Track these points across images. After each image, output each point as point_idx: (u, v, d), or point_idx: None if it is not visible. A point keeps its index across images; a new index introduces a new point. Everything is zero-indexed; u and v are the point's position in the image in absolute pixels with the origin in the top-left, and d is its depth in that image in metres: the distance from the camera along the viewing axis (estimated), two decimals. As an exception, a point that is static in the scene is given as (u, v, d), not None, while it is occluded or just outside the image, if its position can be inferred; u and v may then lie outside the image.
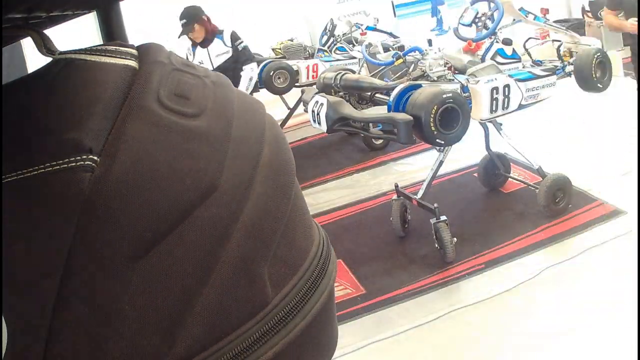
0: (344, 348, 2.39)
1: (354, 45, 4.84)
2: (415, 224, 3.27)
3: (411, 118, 2.49)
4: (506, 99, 2.87)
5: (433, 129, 2.56)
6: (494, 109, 2.86)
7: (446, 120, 2.59)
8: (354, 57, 4.63)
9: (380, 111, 2.80)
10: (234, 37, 3.96)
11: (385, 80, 3.15)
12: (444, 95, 2.57)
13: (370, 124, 2.73)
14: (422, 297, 2.70)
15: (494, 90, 2.83)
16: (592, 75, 3.08)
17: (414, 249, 3.12)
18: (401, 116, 2.51)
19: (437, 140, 2.63)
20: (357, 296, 2.78)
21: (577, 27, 5.74)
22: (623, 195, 3.15)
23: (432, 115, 2.54)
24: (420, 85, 2.74)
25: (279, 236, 0.40)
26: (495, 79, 2.87)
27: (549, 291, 2.59)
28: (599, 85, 3.14)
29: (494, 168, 3.55)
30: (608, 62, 3.16)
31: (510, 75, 2.92)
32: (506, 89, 2.86)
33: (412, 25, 6.26)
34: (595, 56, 3.10)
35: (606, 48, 3.63)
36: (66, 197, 0.33)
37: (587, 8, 6.30)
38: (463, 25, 3.32)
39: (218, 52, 3.96)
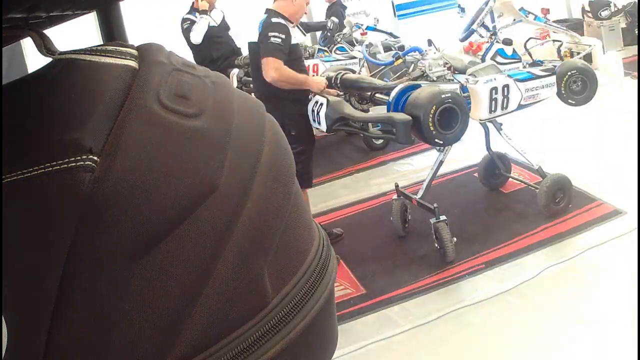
0: (344, 348, 2.39)
1: (354, 45, 4.84)
2: (415, 224, 3.27)
3: (410, 118, 2.50)
4: (505, 99, 2.87)
5: (432, 128, 2.57)
6: (493, 109, 2.86)
7: (445, 120, 2.59)
8: (354, 57, 4.62)
9: (380, 111, 2.81)
10: None
11: (385, 80, 3.15)
12: (443, 95, 2.58)
13: (370, 124, 2.73)
14: (422, 297, 2.70)
15: (493, 91, 2.83)
16: (561, 89, 3.04)
17: (414, 249, 3.12)
18: (400, 116, 2.51)
19: (436, 140, 2.64)
20: (357, 296, 2.78)
21: (577, 27, 5.74)
22: (623, 195, 3.15)
23: (430, 115, 2.54)
24: (419, 85, 2.75)
25: (279, 236, 0.40)
26: (495, 79, 2.86)
27: (549, 291, 2.59)
28: (569, 100, 3.11)
29: (495, 168, 3.55)
30: (590, 78, 3.09)
31: (509, 76, 2.92)
32: (505, 89, 2.86)
33: (412, 25, 6.26)
34: (570, 73, 3.04)
35: (606, 48, 3.62)
36: (66, 197, 0.33)
37: (587, 8, 6.30)
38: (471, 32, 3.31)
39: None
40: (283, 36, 2.78)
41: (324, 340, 0.45)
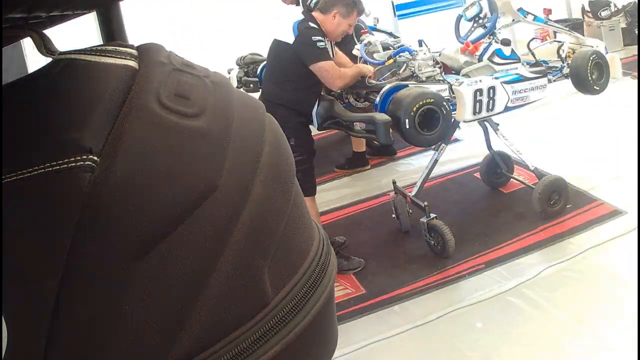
0: (344, 348, 2.39)
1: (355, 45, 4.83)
2: (415, 223, 3.26)
3: (389, 118, 2.52)
4: (491, 101, 2.86)
5: (413, 129, 2.58)
6: (477, 110, 2.85)
7: (427, 122, 2.61)
8: (355, 57, 4.61)
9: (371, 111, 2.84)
10: None
11: (379, 79, 3.15)
12: (425, 97, 2.59)
13: (356, 123, 2.75)
14: (422, 297, 2.69)
15: (478, 92, 2.82)
16: (588, 77, 3.07)
17: (414, 249, 3.11)
18: (380, 116, 2.54)
19: (417, 141, 2.66)
20: (357, 296, 2.78)
21: (577, 27, 5.74)
22: (623, 195, 3.14)
23: (411, 116, 2.56)
24: (406, 86, 2.75)
25: (279, 236, 0.40)
26: (480, 80, 2.86)
27: (549, 291, 2.59)
28: (595, 87, 3.12)
29: (496, 167, 3.54)
30: (605, 63, 3.14)
31: (496, 77, 2.91)
32: (491, 91, 2.85)
33: (412, 25, 6.25)
34: (591, 58, 3.09)
35: (607, 48, 3.62)
36: (66, 197, 0.33)
37: (587, 8, 6.30)
38: (464, 18, 3.31)
39: None
40: (324, 42, 2.71)
41: (324, 340, 0.45)
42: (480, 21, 3.22)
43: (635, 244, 2.64)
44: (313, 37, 2.71)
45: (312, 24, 2.76)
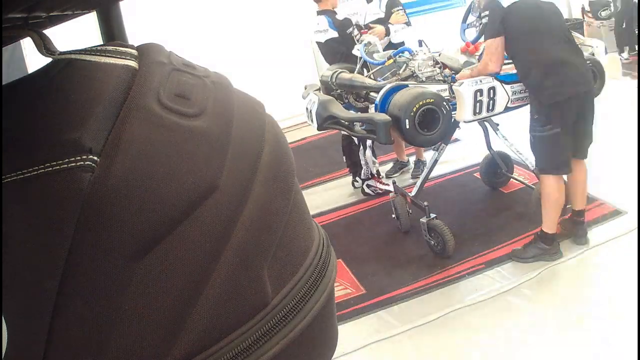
0: (344, 348, 2.39)
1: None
2: (415, 223, 3.26)
3: (389, 118, 2.52)
4: (491, 101, 2.85)
5: (413, 129, 2.58)
6: (477, 110, 2.84)
7: (427, 122, 2.60)
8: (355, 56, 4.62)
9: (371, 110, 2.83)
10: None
11: (378, 79, 3.15)
12: (425, 97, 2.59)
13: (357, 124, 2.75)
14: (422, 297, 2.69)
15: (478, 93, 2.82)
16: None
17: (414, 249, 3.11)
18: (380, 116, 2.53)
19: (417, 140, 2.65)
20: (357, 296, 2.78)
21: (577, 27, 5.73)
22: (623, 195, 3.14)
23: (411, 116, 2.56)
24: (406, 86, 2.75)
25: (279, 236, 0.40)
26: (480, 81, 2.85)
27: (549, 291, 2.58)
28: None
29: (496, 167, 3.54)
30: (599, 72, 3.11)
31: (496, 78, 2.90)
32: (491, 91, 2.84)
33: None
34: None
35: (607, 49, 3.61)
36: (66, 197, 0.33)
37: (587, 8, 6.30)
38: (472, 14, 3.31)
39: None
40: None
41: (324, 340, 0.45)
42: (479, 25, 3.23)
43: (635, 244, 2.64)
44: None
45: None
